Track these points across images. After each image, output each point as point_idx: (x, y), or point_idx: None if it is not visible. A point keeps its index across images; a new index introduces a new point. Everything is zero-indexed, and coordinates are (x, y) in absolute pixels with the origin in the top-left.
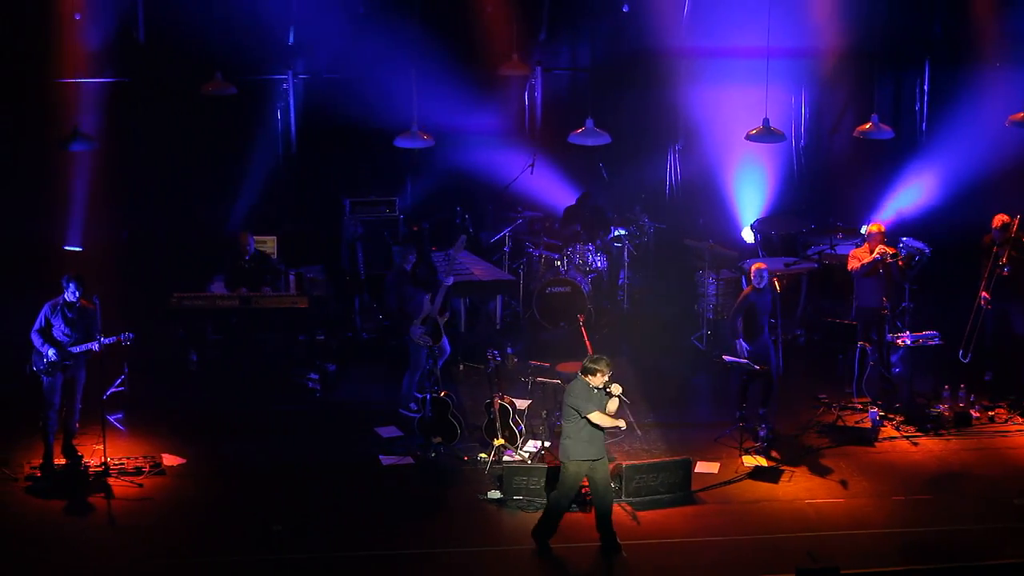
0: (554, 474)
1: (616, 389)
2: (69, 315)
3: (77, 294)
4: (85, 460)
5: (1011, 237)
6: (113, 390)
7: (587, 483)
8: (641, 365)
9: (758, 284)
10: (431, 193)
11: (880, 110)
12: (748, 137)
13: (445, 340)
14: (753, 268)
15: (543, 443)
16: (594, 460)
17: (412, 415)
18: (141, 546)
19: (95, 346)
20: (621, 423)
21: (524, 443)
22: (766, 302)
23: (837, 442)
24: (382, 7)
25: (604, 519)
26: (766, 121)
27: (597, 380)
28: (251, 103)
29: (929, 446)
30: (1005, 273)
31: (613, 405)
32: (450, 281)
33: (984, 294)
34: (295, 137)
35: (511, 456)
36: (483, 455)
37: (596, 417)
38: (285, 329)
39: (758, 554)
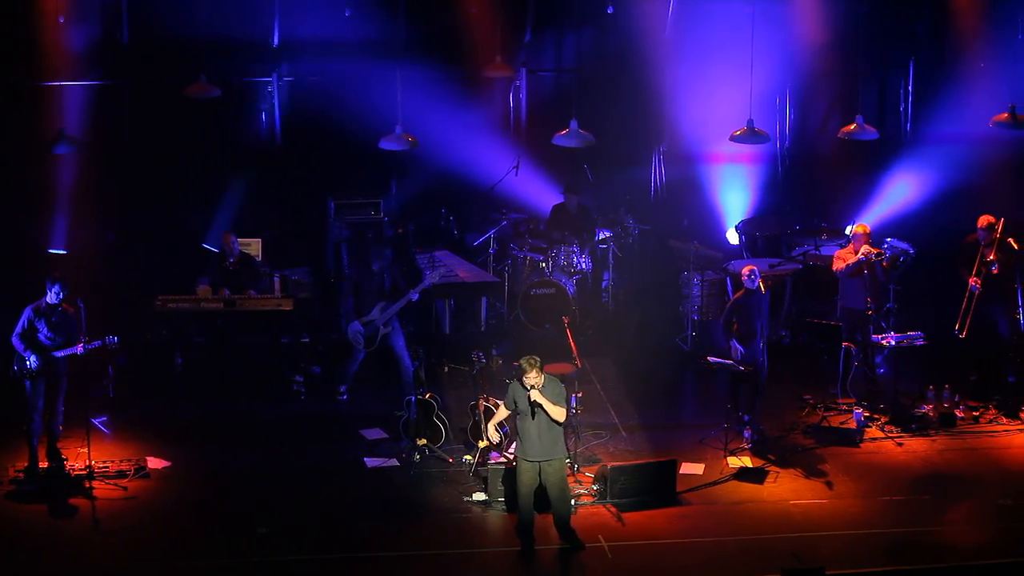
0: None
1: (534, 394)
2: (53, 319)
3: (60, 297)
4: (70, 463)
5: (996, 239)
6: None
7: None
8: (626, 366)
9: (750, 285)
10: (416, 195)
11: (864, 111)
12: (732, 138)
13: (407, 355)
14: (745, 270)
15: None
16: (530, 460)
17: (341, 398)
18: (126, 549)
19: (79, 350)
20: (491, 433)
21: (509, 445)
22: (758, 304)
23: (822, 443)
24: (367, 9)
25: (560, 523)
26: (750, 122)
27: (527, 379)
28: (236, 105)
29: (914, 447)
30: (995, 271)
31: (501, 413)
32: (415, 296)
33: (975, 279)
34: (280, 139)
35: (496, 458)
36: (468, 457)
37: (500, 411)
38: (270, 331)
39: (743, 555)
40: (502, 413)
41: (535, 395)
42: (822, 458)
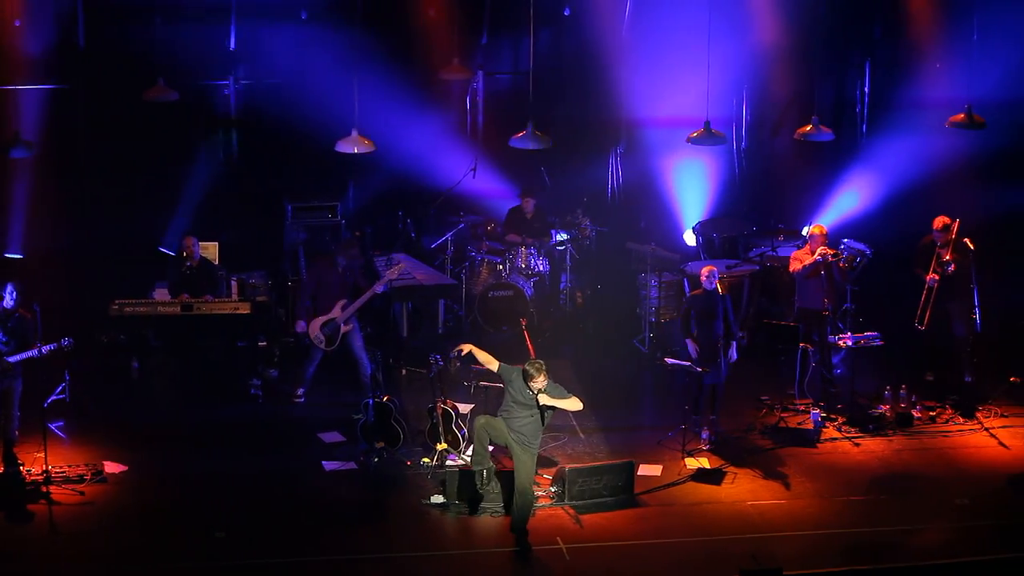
0: (505, 478)
1: (543, 398)
2: (9, 324)
3: (15, 301)
4: (26, 468)
5: (952, 240)
6: (54, 398)
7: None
8: (583, 368)
9: (708, 286)
10: (373, 197)
11: (820, 112)
12: (689, 140)
13: (364, 355)
14: (704, 270)
15: None
16: (507, 428)
17: (298, 400)
18: (83, 554)
19: (36, 353)
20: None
21: (467, 447)
22: (716, 305)
23: (779, 443)
24: (324, 12)
25: (519, 519)
26: (707, 124)
27: (535, 384)
28: (193, 109)
29: (871, 447)
30: (952, 270)
31: (491, 363)
32: (380, 289)
33: (933, 275)
34: (237, 143)
35: (454, 460)
36: (426, 460)
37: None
38: (227, 335)
39: (701, 556)
40: (491, 363)
41: (544, 399)
42: (780, 459)
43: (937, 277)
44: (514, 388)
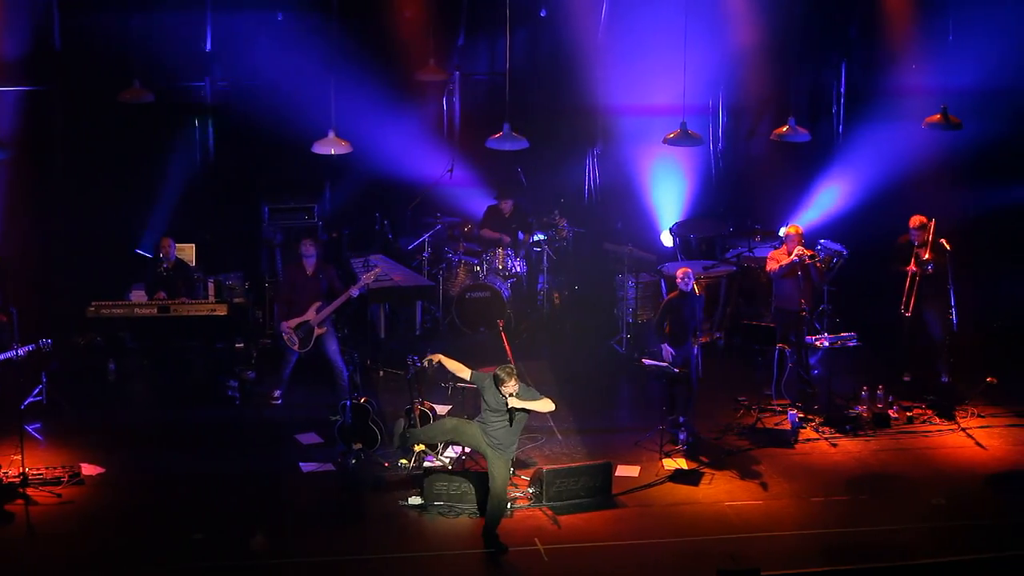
0: (479, 479)
1: (513, 401)
2: None
3: None
4: (3, 470)
5: (929, 239)
6: (31, 400)
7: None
8: (561, 369)
9: (684, 287)
10: (350, 199)
11: (797, 113)
12: (666, 141)
13: (339, 359)
14: (679, 272)
15: (463, 448)
16: (482, 433)
17: (275, 402)
18: (60, 556)
19: (13, 355)
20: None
21: (444, 449)
22: (691, 306)
23: (757, 444)
24: (300, 14)
25: (491, 523)
26: (684, 125)
27: (506, 388)
28: (169, 110)
29: (848, 447)
30: (930, 271)
31: (462, 371)
32: (355, 293)
33: (914, 267)
34: (213, 144)
35: (431, 462)
36: (404, 461)
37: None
38: (204, 337)
39: (679, 556)
40: (463, 372)
41: (514, 402)
42: (757, 459)
43: (917, 270)
44: (487, 394)
